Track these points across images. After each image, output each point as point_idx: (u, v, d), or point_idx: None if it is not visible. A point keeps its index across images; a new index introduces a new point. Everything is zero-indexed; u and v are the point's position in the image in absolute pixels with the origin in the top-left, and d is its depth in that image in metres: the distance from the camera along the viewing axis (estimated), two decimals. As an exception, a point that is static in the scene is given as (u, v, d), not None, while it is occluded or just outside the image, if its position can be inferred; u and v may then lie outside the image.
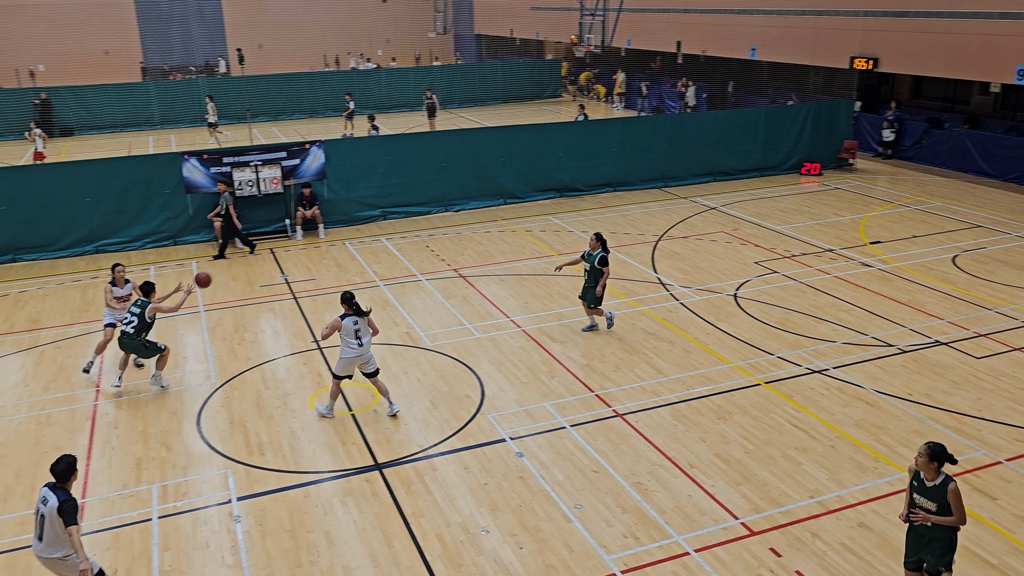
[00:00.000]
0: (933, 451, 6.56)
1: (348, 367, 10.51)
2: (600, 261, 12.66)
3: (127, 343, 11.20)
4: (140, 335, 11.18)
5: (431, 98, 31.52)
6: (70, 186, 17.27)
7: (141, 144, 31.09)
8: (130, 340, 11.16)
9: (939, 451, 6.55)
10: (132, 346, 11.22)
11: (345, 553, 8.19)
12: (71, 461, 7.04)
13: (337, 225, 19.47)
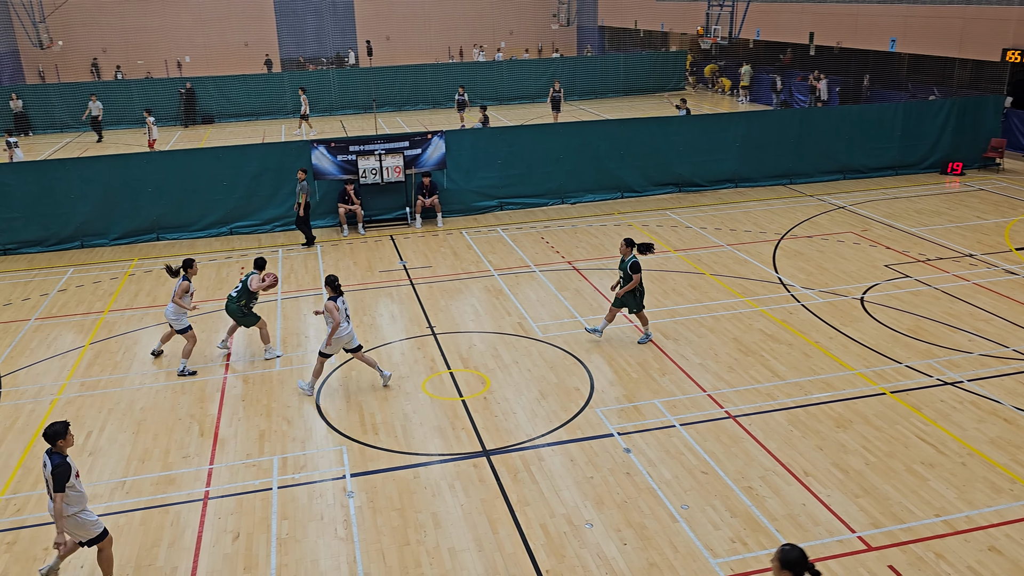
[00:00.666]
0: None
1: (337, 346, 11.06)
2: (632, 267, 12.03)
3: (229, 306, 12.17)
4: (240, 301, 12.04)
5: (558, 91, 31.36)
6: (209, 170, 18.30)
7: (274, 132, 32.60)
8: (231, 303, 12.13)
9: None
10: (231, 309, 12.15)
11: (451, 535, 8.36)
12: (60, 427, 7.30)
13: (455, 214, 19.81)
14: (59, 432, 7.31)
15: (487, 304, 14.36)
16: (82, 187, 17.91)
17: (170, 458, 9.86)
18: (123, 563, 8.05)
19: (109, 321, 14.08)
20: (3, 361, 12.61)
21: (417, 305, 14.41)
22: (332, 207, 19.09)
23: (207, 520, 8.68)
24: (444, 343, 12.83)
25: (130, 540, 8.38)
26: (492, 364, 12.08)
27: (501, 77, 37.96)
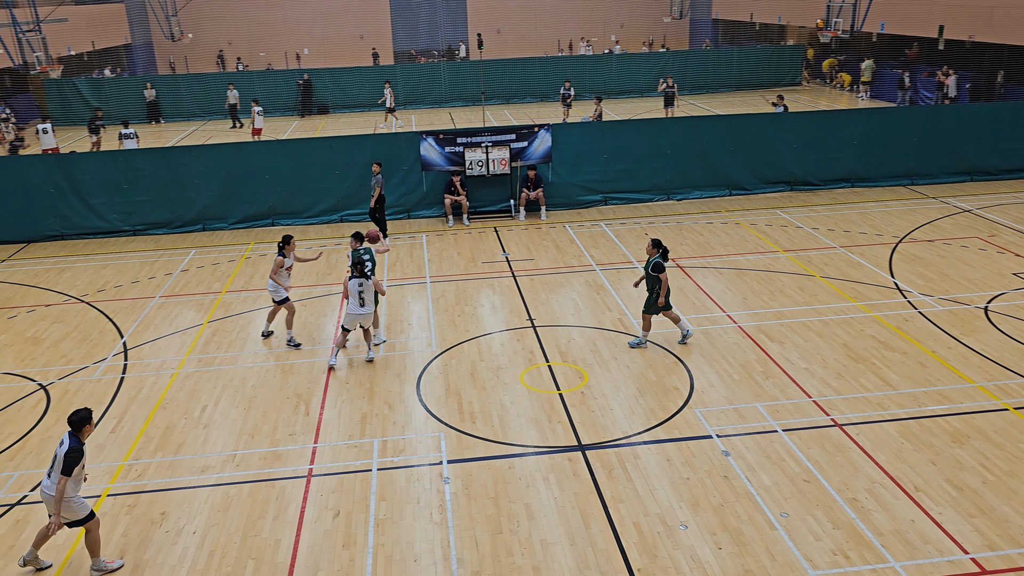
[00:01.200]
0: None
1: (353, 322, 11.87)
2: (655, 267, 11.75)
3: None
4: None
5: (671, 87, 30.51)
6: (322, 159, 18.91)
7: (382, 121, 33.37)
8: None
9: None
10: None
11: (544, 527, 8.39)
12: (85, 414, 7.66)
13: (559, 208, 19.81)
14: (84, 419, 7.65)
15: (588, 299, 14.32)
16: (205, 173, 18.86)
17: (277, 435, 10.29)
18: (232, 532, 8.47)
19: (226, 301, 14.79)
20: (130, 335, 13.44)
21: (518, 297, 14.50)
22: (438, 198, 19.43)
23: (310, 496, 9.02)
24: (543, 336, 12.87)
25: (238, 510, 8.80)
26: (590, 359, 12.05)
27: (609, 71, 37.62)
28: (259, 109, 29.44)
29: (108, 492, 9.21)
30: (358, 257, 12.07)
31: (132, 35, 49.33)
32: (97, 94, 35.29)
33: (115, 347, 13.01)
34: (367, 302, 11.79)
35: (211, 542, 8.33)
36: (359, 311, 11.81)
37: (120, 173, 18.57)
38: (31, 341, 13.34)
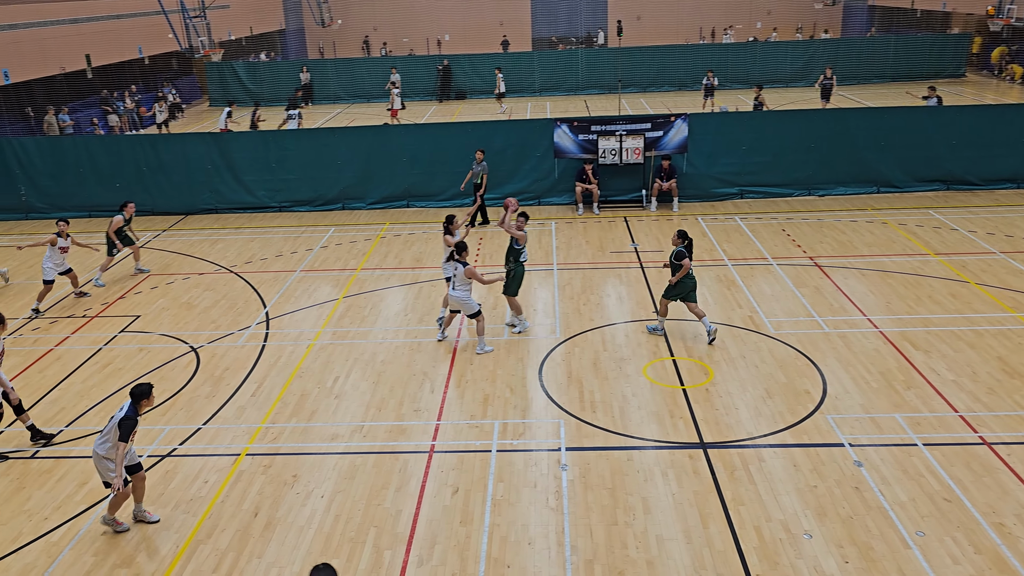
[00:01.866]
0: None
1: (449, 303, 12.13)
2: (677, 256, 11.97)
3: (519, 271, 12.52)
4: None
5: (830, 78, 28.60)
6: (458, 144, 19.26)
7: (520, 109, 33.63)
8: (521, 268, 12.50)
9: None
10: (520, 273, 12.53)
11: (660, 522, 8.28)
12: (146, 388, 8.16)
13: (692, 200, 19.37)
14: (144, 393, 8.16)
15: (717, 294, 13.95)
16: (348, 154, 19.62)
17: (403, 409, 10.62)
18: (356, 499, 8.82)
19: (360, 278, 15.36)
20: (272, 306, 14.19)
21: (645, 289, 14.30)
22: (569, 185, 19.40)
23: (431, 472, 9.26)
24: (669, 329, 12.64)
25: (363, 479, 9.16)
26: (717, 356, 11.74)
27: (753, 59, 36.33)
28: (397, 91, 30.26)
29: (247, 452, 9.79)
30: (463, 245, 11.97)
31: (286, 21, 51.84)
32: (253, 77, 37.33)
33: (258, 316, 13.78)
34: (455, 286, 11.91)
35: (337, 507, 8.70)
36: (451, 294, 12.00)
37: (270, 152, 19.60)
38: (185, 306, 14.32)
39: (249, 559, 7.97)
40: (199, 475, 9.36)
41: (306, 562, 7.88)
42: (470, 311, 12.00)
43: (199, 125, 32.77)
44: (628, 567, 7.70)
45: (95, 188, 19.97)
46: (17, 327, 13.70)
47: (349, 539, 8.21)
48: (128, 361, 12.27)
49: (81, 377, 11.81)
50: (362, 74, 36.97)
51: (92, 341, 13.03)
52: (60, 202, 20.16)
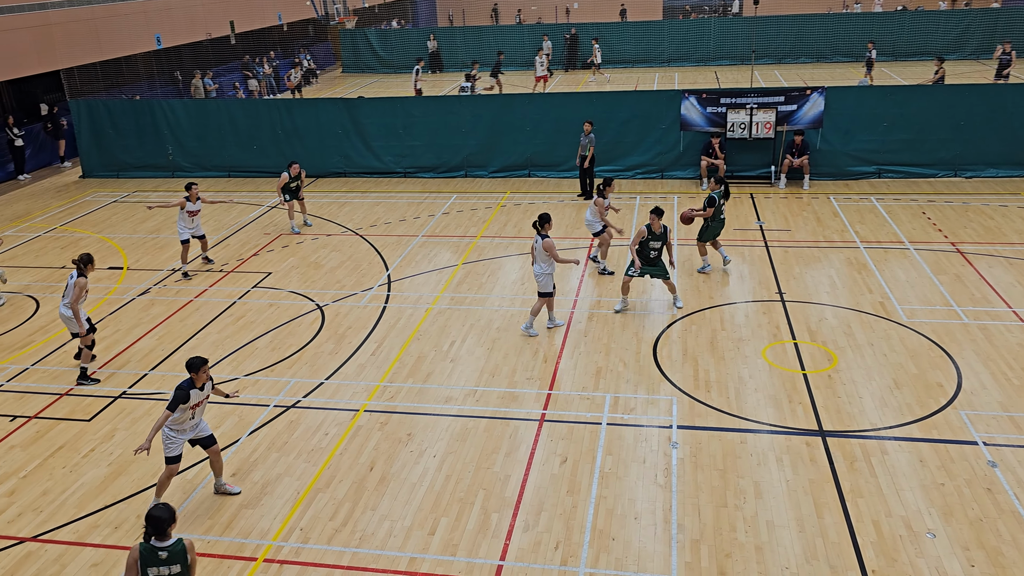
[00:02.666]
0: None
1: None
2: (708, 201, 13.07)
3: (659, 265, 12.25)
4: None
5: (1008, 52, 26.10)
6: (582, 115, 19.06)
7: (647, 80, 32.97)
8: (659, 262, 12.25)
9: None
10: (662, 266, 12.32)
11: (771, 508, 8.07)
12: (198, 362, 8.05)
13: (824, 178, 18.53)
14: (196, 366, 8.07)
15: (847, 277, 13.34)
16: (472, 123, 19.82)
17: (516, 377, 10.75)
18: (467, 461, 9.03)
19: (480, 245, 15.57)
20: (394, 269, 14.61)
21: (769, 268, 13.84)
22: (694, 159, 18.92)
23: (540, 440, 9.36)
24: (792, 312, 12.22)
25: (474, 442, 9.36)
26: (843, 341, 11.26)
27: (901, 30, 34.14)
28: (541, 59, 30.11)
29: (365, 408, 10.18)
30: (546, 216, 11.63)
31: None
32: (384, 44, 38.19)
33: (381, 278, 14.22)
34: (536, 260, 11.55)
35: (448, 467, 8.94)
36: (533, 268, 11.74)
37: (398, 119, 20.05)
38: (313, 265, 14.94)
39: (364, 510, 8.32)
40: (320, 427, 9.82)
41: (416, 517, 8.16)
42: (544, 289, 11.62)
43: (331, 91, 33.86)
44: (736, 550, 7.56)
45: (234, 149, 21.03)
46: (162, 278, 14.69)
47: (458, 499, 8.42)
48: (259, 315, 12.95)
49: (217, 328, 12.55)
50: (490, 42, 37.12)
51: (227, 295, 13.81)
52: (203, 162, 21.37)
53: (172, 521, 5.99)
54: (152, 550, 5.92)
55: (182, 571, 5.97)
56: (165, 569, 5.94)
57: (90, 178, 21.94)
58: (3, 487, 8.97)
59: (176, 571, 5.95)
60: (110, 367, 11.52)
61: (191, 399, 8.07)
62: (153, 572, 5.92)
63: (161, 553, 5.92)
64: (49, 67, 22.49)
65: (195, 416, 8.27)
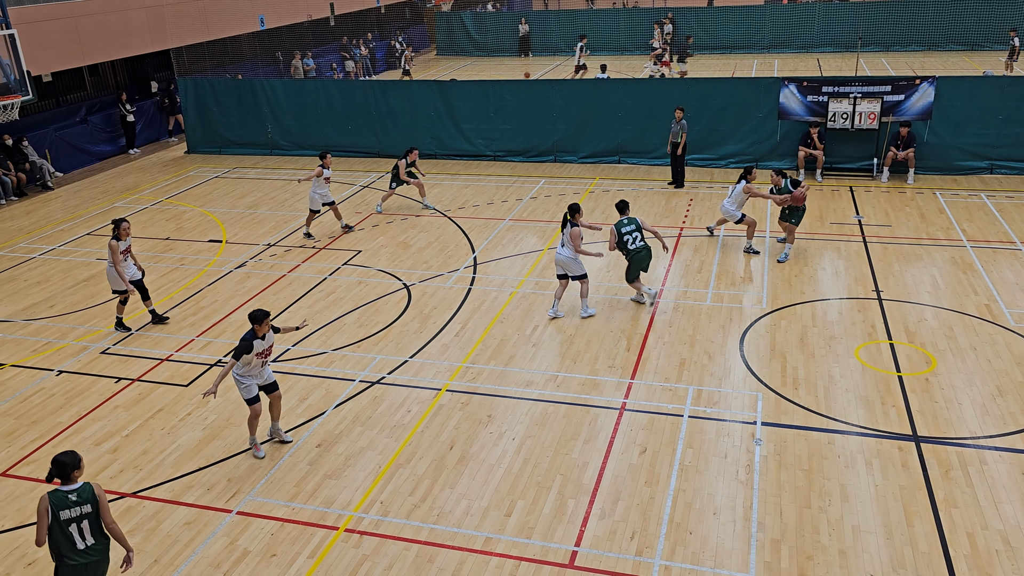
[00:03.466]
0: None
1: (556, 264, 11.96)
2: (793, 184, 13.20)
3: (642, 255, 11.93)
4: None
5: None
6: (676, 101, 18.69)
7: (745, 67, 32.09)
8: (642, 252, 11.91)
9: None
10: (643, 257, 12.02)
11: (858, 512, 7.81)
12: (260, 315, 8.54)
13: (931, 172, 17.68)
14: (257, 318, 8.57)
15: (950, 277, 12.73)
16: (563, 107, 19.72)
17: (597, 364, 10.69)
18: (545, 446, 9.05)
19: (567, 231, 15.51)
20: (480, 251, 14.72)
21: (866, 264, 13.33)
22: (792, 149, 18.34)
23: (620, 429, 9.30)
24: (889, 311, 11.74)
25: (553, 427, 9.37)
26: (943, 344, 10.76)
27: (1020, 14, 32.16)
28: (658, 43, 29.59)
29: (447, 388, 10.32)
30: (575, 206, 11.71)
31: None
32: (479, 27, 38.33)
33: (467, 260, 14.35)
34: (564, 244, 11.70)
35: (527, 451, 8.99)
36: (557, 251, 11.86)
37: (489, 102, 20.12)
38: (401, 245, 15.20)
39: (442, 488, 8.45)
40: (403, 404, 10.01)
41: (494, 498, 8.24)
42: (577, 272, 11.81)
43: (425, 73, 34.24)
44: (818, 553, 7.36)
45: (329, 129, 21.53)
46: (258, 252, 15.20)
47: (536, 483, 8.46)
48: (348, 292, 13.26)
49: (308, 303, 12.93)
50: (583, 26, 36.80)
51: (319, 271, 14.19)
52: (299, 140, 21.97)
53: (76, 467, 6.34)
54: (62, 495, 6.29)
55: (93, 510, 6.32)
56: (77, 510, 6.28)
57: (194, 153, 22.86)
58: (107, 444, 9.50)
59: (88, 510, 6.30)
60: (207, 336, 12.02)
61: (254, 348, 8.64)
62: (66, 514, 6.25)
63: (71, 496, 6.28)
64: (160, 46, 23.48)
65: (264, 364, 8.89)
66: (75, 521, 6.27)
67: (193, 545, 7.84)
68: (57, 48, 19.99)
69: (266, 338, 8.74)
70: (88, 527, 6.32)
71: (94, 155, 22.72)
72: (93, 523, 6.34)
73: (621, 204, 12.30)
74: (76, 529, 6.28)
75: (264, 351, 8.76)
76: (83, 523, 6.30)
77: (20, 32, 16.74)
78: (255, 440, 9.13)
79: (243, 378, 8.81)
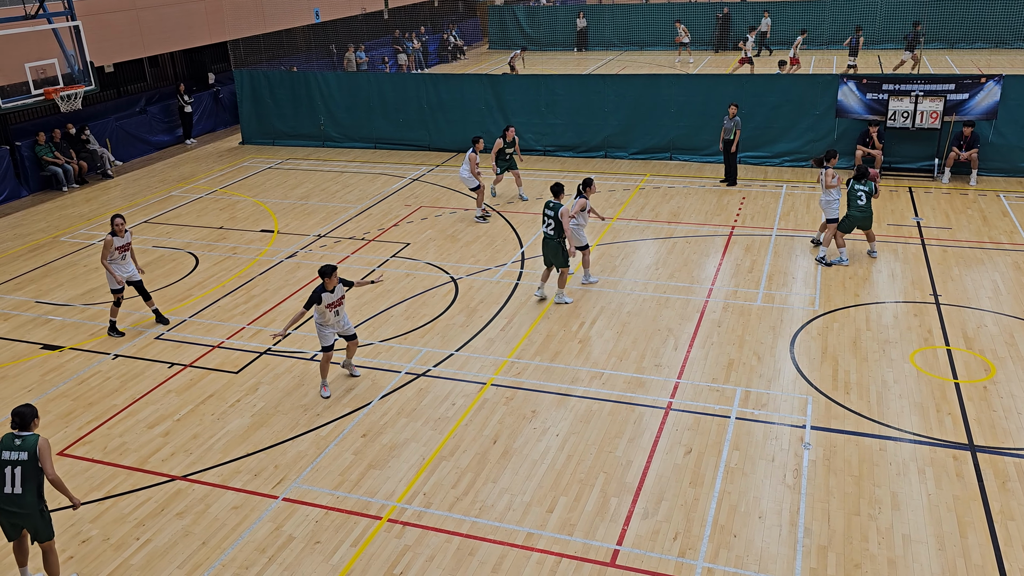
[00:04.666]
0: None
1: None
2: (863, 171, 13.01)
3: (548, 244, 12.03)
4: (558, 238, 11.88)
5: None
6: (730, 97, 18.38)
7: (804, 62, 31.43)
8: (549, 242, 11.98)
9: None
10: (551, 248, 12.01)
11: (909, 521, 7.61)
12: (327, 270, 9.53)
13: (995, 173, 17.13)
14: (326, 272, 9.55)
15: (1013, 282, 12.31)
16: (615, 102, 19.56)
17: (644, 363, 10.59)
18: (589, 443, 9.00)
19: (616, 228, 15.40)
20: (528, 246, 14.69)
21: (924, 268, 12.97)
22: (849, 148, 17.93)
23: (665, 428, 9.20)
24: (947, 315, 11.41)
25: (598, 425, 9.31)
26: (1003, 351, 10.42)
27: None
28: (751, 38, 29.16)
29: (492, 382, 10.33)
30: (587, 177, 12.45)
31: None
32: (532, 21, 38.24)
33: (514, 255, 14.34)
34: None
35: (570, 447, 8.95)
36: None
37: (540, 96, 20.06)
38: (449, 238, 15.25)
39: (485, 482, 8.47)
40: (448, 397, 10.05)
41: (536, 493, 8.22)
42: (579, 243, 12.42)
43: (477, 67, 34.29)
44: (866, 561, 7.19)
45: (381, 122, 21.71)
46: (308, 243, 15.40)
47: (579, 480, 8.42)
48: (396, 284, 13.36)
49: (356, 293, 13.05)
50: (637, 21, 36.47)
51: (368, 262, 14.32)
52: (351, 133, 22.19)
53: (33, 417, 6.95)
54: (11, 437, 6.86)
55: (29, 459, 6.76)
56: (15, 455, 6.78)
57: (248, 144, 23.25)
58: (159, 428, 9.73)
59: (23, 458, 6.76)
60: (258, 324, 12.22)
61: (323, 300, 9.61)
62: (5, 455, 6.79)
63: (16, 440, 6.83)
64: (218, 38, 23.92)
65: (338, 314, 9.87)
66: (10, 464, 6.79)
67: (240, 529, 7.98)
68: (120, 40, 20.51)
69: (335, 291, 9.69)
70: (20, 475, 6.77)
71: (152, 145, 23.27)
72: (25, 473, 6.76)
73: (555, 187, 12.09)
74: (9, 472, 6.77)
75: (334, 303, 9.73)
76: (16, 469, 6.77)
77: (84, 24, 17.19)
78: (324, 382, 10.18)
79: (322, 327, 9.90)
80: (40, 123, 20.39)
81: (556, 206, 11.79)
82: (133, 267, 11.90)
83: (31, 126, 20.21)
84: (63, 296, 13.54)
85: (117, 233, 11.54)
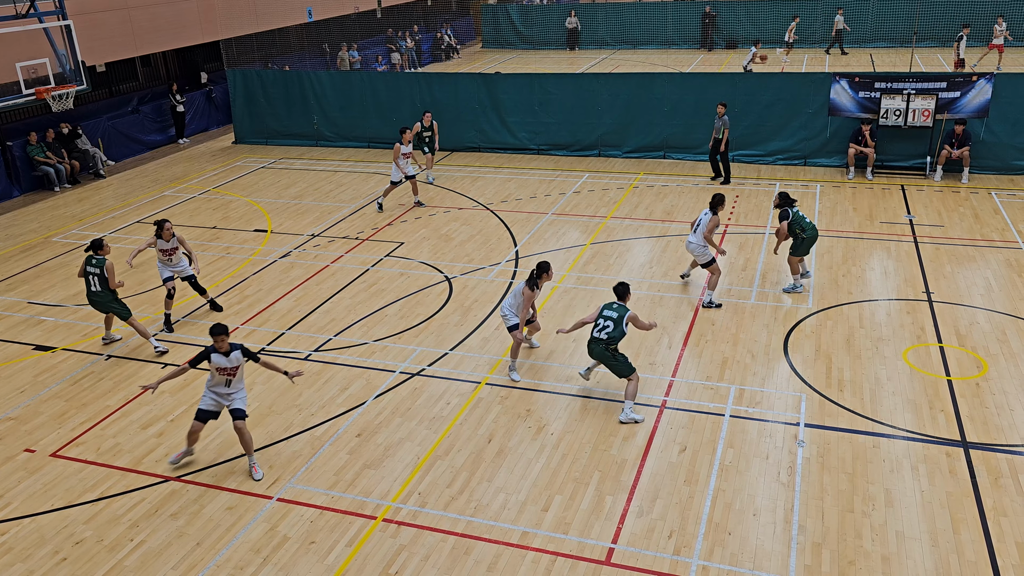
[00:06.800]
0: None
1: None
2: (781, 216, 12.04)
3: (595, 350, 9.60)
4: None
5: None
6: (722, 96, 18.41)
7: (796, 60, 31.51)
8: (597, 346, 9.54)
9: None
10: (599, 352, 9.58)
11: (902, 518, 7.65)
12: (218, 327, 8.33)
13: (986, 171, 17.20)
14: (213, 332, 8.30)
15: (1005, 280, 12.37)
16: (609, 101, 19.57)
17: (638, 361, 10.60)
18: (584, 441, 9.01)
19: (609, 226, 15.42)
20: (522, 245, 14.70)
21: (916, 265, 13.02)
22: (842, 146, 17.99)
23: (660, 427, 9.22)
24: (940, 313, 11.46)
25: (593, 424, 9.32)
26: (995, 348, 10.47)
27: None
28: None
29: (487, 381, 10.33)
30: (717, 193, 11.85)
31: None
32: (525, 20, 38.24)
33: (509, 254, 14.34)
34: (697, 229, 11.90)
35: (565, 446, 8.96)
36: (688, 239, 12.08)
37: (534, 95, 20.06)
38: (443, 238, 15.24)
39: (480, 481, 8.47)
40: (443, 396, 10.05)
41: (531, 492, 8.23)
42: (703, 260, 12.03)
43: (470, 66, 34.27)
44: (860, 558, 7.22)
45: (374, 121, 21.68)
46: (302, 242, 15.38)
47: (573, 478, 8.43)
48: (390, 283, 13.35)
49: (350, 293, 13.04)
50: (630, 20, 36.49)
51: (361, 262, 14.31)
52: (345, 132, 22.15)
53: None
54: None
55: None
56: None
57: (241, 144, 23.20)
58: (153, 429, 9.70)
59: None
60: (251, 324, 12.20)
61: (213, 361, 8.40)
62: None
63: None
64: (210, 37, 23.85)
65: (228, 385, 8.57)
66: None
67: (235, 530, 7.97)
68: (111, 39, 20.43)
69: (232, 357, 8.40)
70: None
71: (145, 144, 23.19)
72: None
73: (619, 288, 9.62)
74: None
75: (227, 369, 8.45)
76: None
77: (76, 23, 17.12)
78: (180, 452, 8.95)
79: (207, 389, 8.65)
80: (32, 123, 20.30)
81: (622, 310, 9.46)
82: (184, 264, 12.17)
83: (23, 126, 20.11)
84: (55, 297, 13.49)
85: (164, 238, 11.81)
